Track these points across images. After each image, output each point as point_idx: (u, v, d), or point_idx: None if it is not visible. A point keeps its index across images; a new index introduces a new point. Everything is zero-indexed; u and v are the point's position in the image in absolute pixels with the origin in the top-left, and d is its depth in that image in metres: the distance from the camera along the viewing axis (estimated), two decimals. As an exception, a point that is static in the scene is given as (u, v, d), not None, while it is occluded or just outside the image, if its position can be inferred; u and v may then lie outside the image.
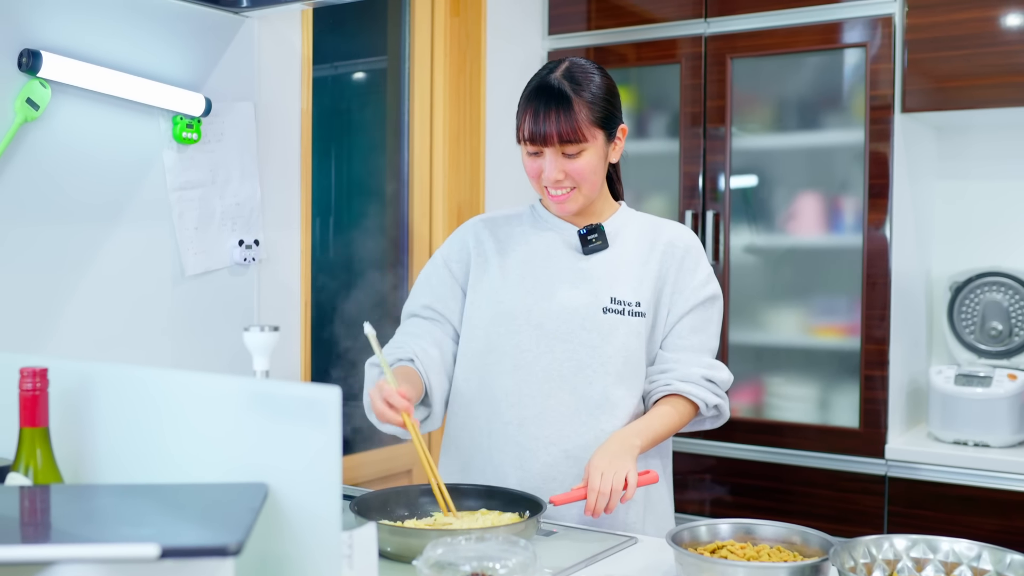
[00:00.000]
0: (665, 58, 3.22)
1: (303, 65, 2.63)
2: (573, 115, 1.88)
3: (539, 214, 2.06)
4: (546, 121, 1.87)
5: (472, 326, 2.01)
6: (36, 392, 1.25)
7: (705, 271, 2.02)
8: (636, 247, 2.01)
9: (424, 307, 2.04)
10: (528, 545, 1.31)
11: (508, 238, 2.04)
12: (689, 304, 1.99)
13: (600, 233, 1.99)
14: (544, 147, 1.89)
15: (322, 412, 1.06)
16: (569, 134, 1.88)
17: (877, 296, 2.90)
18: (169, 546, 0.89)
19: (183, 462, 1.19)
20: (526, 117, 1.90)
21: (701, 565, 1.47)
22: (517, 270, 2.00)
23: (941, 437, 2.87)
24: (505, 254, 2.02)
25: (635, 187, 3.34)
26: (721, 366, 2.01)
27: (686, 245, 2.02)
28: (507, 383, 1.96)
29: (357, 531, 1.14)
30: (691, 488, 3.15)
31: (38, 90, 1.98)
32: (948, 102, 2.85)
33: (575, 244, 2.00)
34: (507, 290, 1.98)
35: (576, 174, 1.91)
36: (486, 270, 2.02)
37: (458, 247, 2.07)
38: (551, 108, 1.88)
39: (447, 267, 2.06)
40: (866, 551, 1.48)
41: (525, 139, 1.91)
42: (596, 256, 1.99)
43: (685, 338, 1.99)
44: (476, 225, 2.09)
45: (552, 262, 1.99)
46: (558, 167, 1.90)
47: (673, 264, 2.00)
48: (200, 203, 2.34)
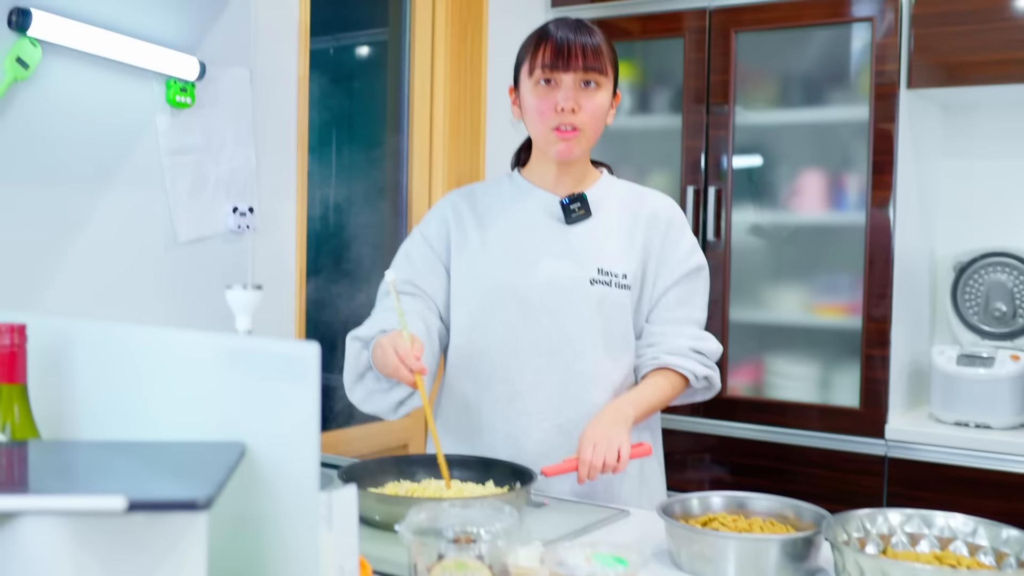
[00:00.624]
0: (669, 32, 3.18)
1: (300, 32, 2.60)
2: (599, 45, 1.88)
3: (518, 184, 2.02)
4: (572, 46, 1.86)
5: (458, 302, 1.97)
6: (14, 348, 1.22)
7: (689, 242, 1.99)
8: (619, 217, 1.97)
9: (405, 282, 1.98)
10: (513, 511, 1.28)
11: (488, 211, 2.00)
12: (674, 276, 1.96)
13: (583, 202, 1.95)
14: (565, 73, 1.86)
15: (301, 368, 1.03)
16: (593, 61, 1.87)
17: (879, 275, 2.86)
18: (136, 499, 0.87)
19: (161, 420, 1.16)
20: (547, 46, 1.87)
21: (692, 537, 1.45)
22: (500, 243, 1.96)
23: (942, 418, 2.85)
24: (485, 227, 1.98)
25: (637, 162, 3.31)
26: (709, 336, 1.98)
27: (669, 216, 1.99)
28: (495, 359, 1.92)
29: (336, 493, 1.11)
30: (690, 467, 3.13)
31: (28, 49, 1.94)
32: (954, 79, 2.81)
33: (557, 214, 1.96)
34: (490, 263, 1.94)
35: (590, 109, 1.88)
36: (467, 244, 1.98)
37: (437, 222, 2.02)
38: (577, 37, 1.87)
39: (427, 243, 2.01)
40: (860, 525, 1.45)
41: (545, 65, 1.87)
42: (580, 226, 1.96)
43: (671, 310, 1.96)
44: (455, 199, 2.04)
45: (535, 233, 1.95)
46: (575, 96, 1.86)
47: (657, 235, 1.96)
48: (194, 169, 2.31)
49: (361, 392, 1.94)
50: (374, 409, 1.95)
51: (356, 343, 1.93)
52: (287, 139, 2.58)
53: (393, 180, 3.17)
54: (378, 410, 1.95)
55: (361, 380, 1.93)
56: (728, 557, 1.42)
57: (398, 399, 1.92)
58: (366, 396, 1.93)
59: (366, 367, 1.93)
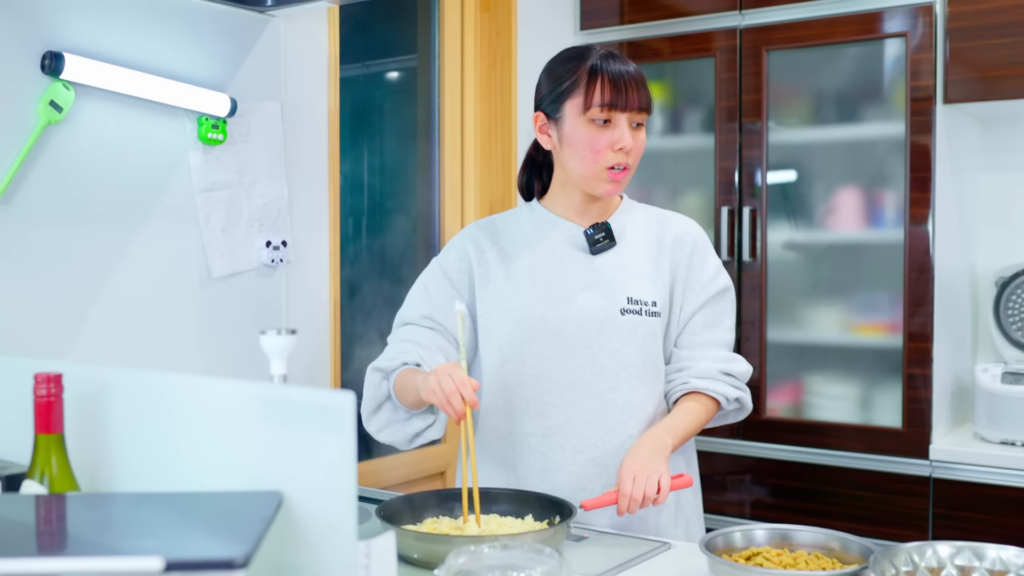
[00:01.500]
0: (700, 52, 3.16)
1: (330, 64, 2.61)
2: (645, 86, 1.88)
3: (540, 214, 2.00)
4: (627, 86, 1.84)
5: (487, 337, 1.95)
6: (51, 398, 1.23)
7: (714, 264, 1.97)
8: (644, 243, 1.95)
9: (423, 317, 1.96)
10: (554, 552, 1.26)
11: (510, 243, 1.98)
12: (701, 300, 1.94)
13: (607, 231, 1.93)
14: (623, 113, 1.85)
15: (336, 418, 1.03)
16: (645, 101, 1.86)
17: (920, 292, 2.82)
18: (174, 559, 0.86)
19: (197, 468, 1.16)
20: (601, 83, 1.84)
21: (736, 573, 1.42)
22: (525, 276, 1.94)
23: (987, 437, 2.79)
24: (509, 260, 1.96)
25: (670, 183, 3.29)
26: (738, 358, 1.96)
27: (693, 239, 1.97)
28: (528, 393, 1.91)
29: (375, 540, 1.10)
30: (730, 489, 3.09)
31: (61, 92, 1.96)
32: (992, 92, 2.77)
33: (581, 244, 1.94)
34: (517, 298, 1.92)
35: (639, 148, 1.88)
36: (491, 278, 1.96)
37: (457, 256, 2.00)
38: (630, 76, 1.85)
39: (447, 277, 1.98)
40: (908, 558, 1.42)
41: (603, 104, 1.84)
42: (606, 255, 1.94)
43: (699, 334, 1.94)
44: (475, 232, 2.02)
45: (561, 265, 1.93)
46: (630, 135, 1.86)
47: (683, 259, 1.94)
48: (227, 204, 2.32)
49: (378, 423, 1.94)
50: (390, 440, 1.94)
51: (376, 374, 1.93)
52: (319, 170, 2.58)
53: (425, 207, 3.16)
54: (394, 441, 1.94)
55: (378, 411, 1.93)
56: (773, 594, 1.39)
57: (414, 431, 1.92)
58: (382, 426, 1.93)
59: (384, 398, 1.92)
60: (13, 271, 1.94)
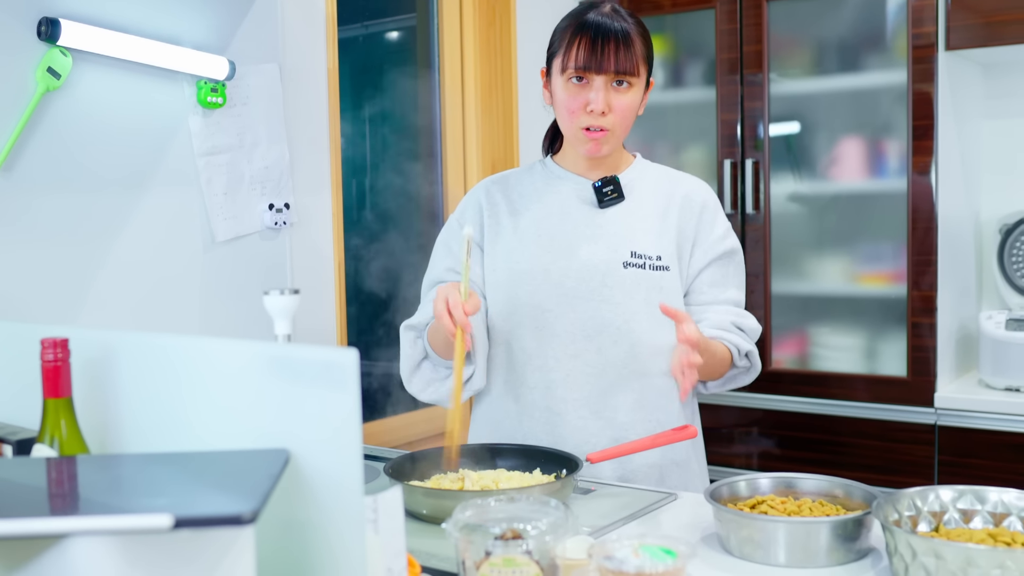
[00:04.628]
0: (700, 3, 3.14)
1: (328, 24, 2.60)
2: (632, 46, 1.84)
3: (551, 170, 2.00)
4: (604, 48, 1.82)
5: (492, 289, 1.96)
6: (58, 363, 1.23)
7: (723, 226, 1.97)
8: (653, 199, 1.95)
9: (446, 270, 1.98)
10: (559, 504, 1.28)
11: (520, 197, 1.99)
12: (707, 258, 1.94)
13: (616, 185, 1.93)
14: (597, 75, 1.84)
15: (340, 375, 1.04)
16: (626, 65, 1.84)
17: (923, 241, 2.82)
18: (183, 516, 0.87)
19: (204, 428, 1.17)
20: (579, 44, 1.83)
21: (741, 521, 1.44)
22: (532, 228, 1.95)
23: (992, 384, 2.80)
24: (518, 213, 1.97)
25: (672, 137, 3.27)
26: (748, 315, 1.96)
27: (703, 200, 1.97)
28: (530, 345, 1.91)
29: (382, 495, 1.12)
30: (737, 441, 3.11)
31: (59, 59, 1.96)
32: (994, 38, 2.75)
33: (590, 198, 1.95)
34: (523, 250, 1.93)
35: (620, 110, 1.85)
36: (500, 231, 1.97)
37: (472, 209, 2.01)
38: (610, 37, 1.83)
39: (463, 229, 2.00)
40: (911, 503, 1.43)
41: (577, 67, 1.84)
42: (612, 209, 1.94)
43: (706, 292, 1.94)
44: (487, 186, 2.03)
45: (568, 218, 1.94)
46: (605, 98, 1.84)
47: (691, 218, 1.94)
48: (228, 168, 2.32)
49: (419, 383, 1.94)
50: (433, 398, 1.95)
51: (410, 332, 1.94)
52: (319, 132, 2.58)
53: (427, 167, 3.16)
54: (438, 399, 1.95)
55: (418, 370, 1.94)
56: (778, 541, 1.40)
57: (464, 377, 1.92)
58: (424, 386, 1.94)
59: (421, 357, 1.93)
60: (17, 239, 1.95)
